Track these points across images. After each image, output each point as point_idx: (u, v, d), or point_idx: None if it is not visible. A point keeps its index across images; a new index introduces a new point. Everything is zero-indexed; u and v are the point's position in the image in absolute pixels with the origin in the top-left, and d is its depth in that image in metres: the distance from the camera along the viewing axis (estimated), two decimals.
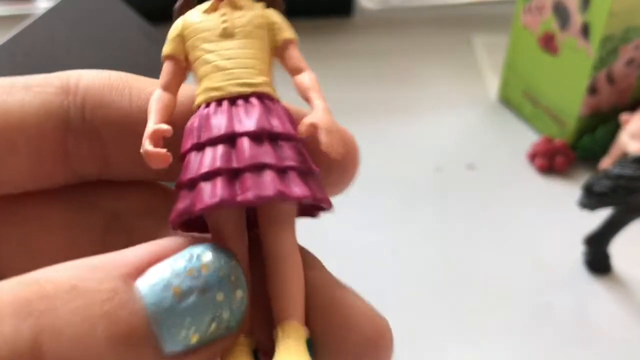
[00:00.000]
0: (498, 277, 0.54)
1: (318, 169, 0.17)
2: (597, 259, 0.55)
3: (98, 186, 0.18)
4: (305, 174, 0.17)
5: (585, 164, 0.67)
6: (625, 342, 0.49)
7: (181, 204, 0.16)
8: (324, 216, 0.22)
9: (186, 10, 0.20)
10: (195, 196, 0.16)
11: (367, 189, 0.64)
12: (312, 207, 0.18)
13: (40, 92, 0.16)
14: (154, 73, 0.58)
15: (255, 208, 0.17)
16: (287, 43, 0.20)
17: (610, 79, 0.64)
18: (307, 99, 0.19)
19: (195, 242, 0.16)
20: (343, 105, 0.77)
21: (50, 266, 0.14)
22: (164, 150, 0.16)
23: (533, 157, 0.67)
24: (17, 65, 0.43)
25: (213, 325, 0.14)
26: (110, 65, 0.53)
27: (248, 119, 0.17)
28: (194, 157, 0.17)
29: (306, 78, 0.19)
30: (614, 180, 0.48)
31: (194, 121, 0.18)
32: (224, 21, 0.19)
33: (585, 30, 0.62)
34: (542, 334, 0.50)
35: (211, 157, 0.16)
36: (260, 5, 0.20)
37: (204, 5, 0.20)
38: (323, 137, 0.17)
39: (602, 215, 0.53)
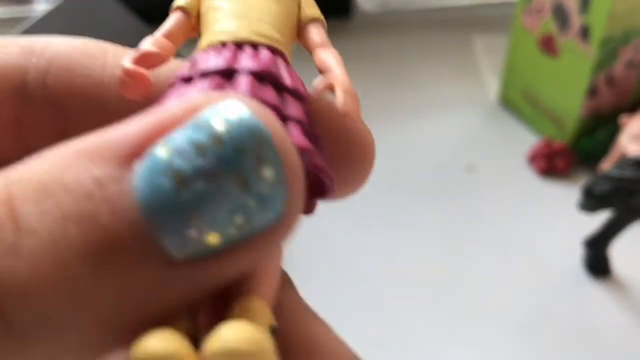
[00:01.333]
0: (497, 279, 0.54)
1: (323, 147, 0.15)
2: (597, 261, 0.55)
3: None
4: (309, 135, 0.14)
5: (585, 165, 0.67)
6: (624, 344, 0.49)
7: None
8: (321, 216, 0.20)
9: None
10: None
11: (366, 190, 0.64)
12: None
13: (1, 53, 0.14)
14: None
15: None
16: (312, 20, 0.17)
17: (610, 81, 0.64)
18: (323, 71, 0.16)
19: (215, 98, 0.11)
20: None
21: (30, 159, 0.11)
22: (145, 72, 0.14)
23: (533, 158, 0.67)
24: None
25: (238, 219, 0.10)
26: None
27: (253, 61, 0.14)
28: (175, 90, 0.14)
29: (328, 54, 0.17)
30: (614, 182, 0.48)
31: (191, 60, 0.15)
32: None
33: (585, 32, 0.62)
34: (542, 336, 0.50)
35: (199, 88, 0.13)
36: None
37: None
38: (340, 96, 0.15)
39: (602, 217, 0.53)
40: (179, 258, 0.10)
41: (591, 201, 0.50)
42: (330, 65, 0.16)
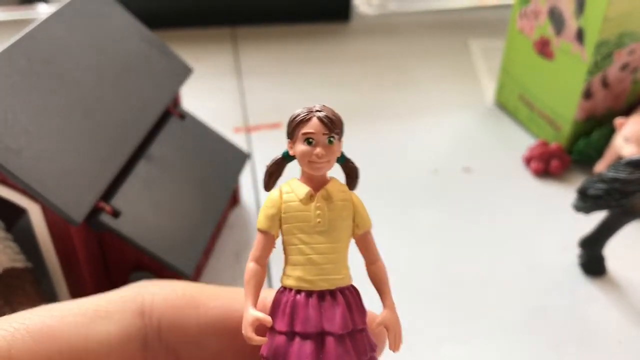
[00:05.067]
0: (494, 279, 0.55)
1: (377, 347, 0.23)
2: (592, 262, 0.55)
3: None
4: (370, 343, 0.23)
5: (580, 167, 0.67)
6: (620, 344, 0.50)
7: None
8: None
9: (277, 176, 0.23)
10: None
11: (364, 191, 0.64)
12: None
13: (121, 320, 0.18)
14: (152, 75, 0.59)
15: None
16: (366, 234, 0.23)
17: (605, 84, 0.65)
18: (379, 292, 0.23)
19: None
20: (341, 108, 0.78)
21: None
22: (264, 339, 0.20)
23: (529, 160, 0.68)
24: (20, 69, 0.43)
25: None
26: (111, 70, 0.53)
27: (335, 318, 0.21)
28: (285, 342, 0.21)
29: (377, 271, 0.24)
30: (608, 184, 0.49)
31: (285, 301, 0.21)
32: (319, 215, 0.22)
33: (580, 35, 0.63)
34: (538, 335, 0.50)
35: (301, 355, 0.21)
36: (345, 192, 0.23)
37: (302, 191, 0.22)
38: (391, 339, 0.22)
39: (597, 218, 0.53)
40: None
41: (586, 202, 0.50)
42: (381, 292, 0.23)
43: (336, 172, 0.24)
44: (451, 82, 0.83)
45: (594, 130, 0.66)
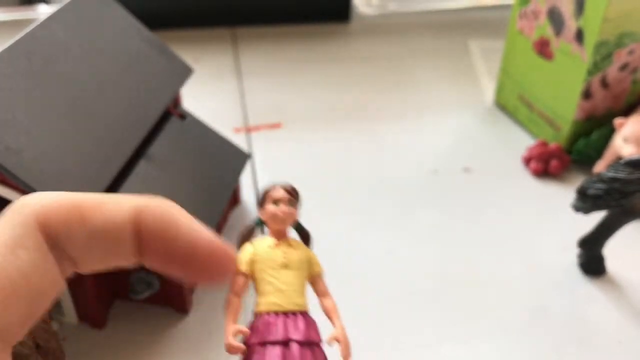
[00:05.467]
0: (494, 279, 0.55)
1: None
2: (592, 262, 0.55)
3: None
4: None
5: (579, 167, 0.67)
6: (619, 343, 0.50)
7: None
8: (321, 217, 0.25)
9: (248, 239, 0.32)
10: None
11: (364, 191, 0.64)
12: None
13: (34, 243, 0.20)
14: (152, 75, 0.59)
15: None
16: (318, 275, 0.32)
17: (605, 84, 0.65)
18: (330, 318, 0.32)
19: None
20: (341, 109, 0.78)
21: None
22: (243, 346, 0.29)
23: (528, 160, 0.68)
24: (20, 69, 0.43)
25: None
26: (111, 70, 0.53)
27: (298, 330, 0.29)
28: (259, 350, 0.28)
29: (329, 303, 0.32)
30: (608, 184, 0.49)
31: (258, 323, 0.29)
32: (284, 257, 0.31)
33: (580, 36, 0.63)
34: (537, 335, 0.50)
35: (272, 356, 0.28)
36: (303, 245, 0.32)
37: (269, 241, 0.31)
38: (342, 350, 0.30)
39: (596, 218, 0.53)
40: None
41: (585, 202, 0.50)
42: (332, 317, 0.32)
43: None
44: (451, 82, 0.83)
45: (594, 131, 0.66)
